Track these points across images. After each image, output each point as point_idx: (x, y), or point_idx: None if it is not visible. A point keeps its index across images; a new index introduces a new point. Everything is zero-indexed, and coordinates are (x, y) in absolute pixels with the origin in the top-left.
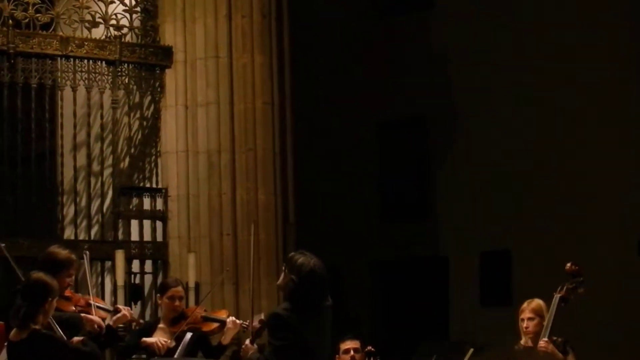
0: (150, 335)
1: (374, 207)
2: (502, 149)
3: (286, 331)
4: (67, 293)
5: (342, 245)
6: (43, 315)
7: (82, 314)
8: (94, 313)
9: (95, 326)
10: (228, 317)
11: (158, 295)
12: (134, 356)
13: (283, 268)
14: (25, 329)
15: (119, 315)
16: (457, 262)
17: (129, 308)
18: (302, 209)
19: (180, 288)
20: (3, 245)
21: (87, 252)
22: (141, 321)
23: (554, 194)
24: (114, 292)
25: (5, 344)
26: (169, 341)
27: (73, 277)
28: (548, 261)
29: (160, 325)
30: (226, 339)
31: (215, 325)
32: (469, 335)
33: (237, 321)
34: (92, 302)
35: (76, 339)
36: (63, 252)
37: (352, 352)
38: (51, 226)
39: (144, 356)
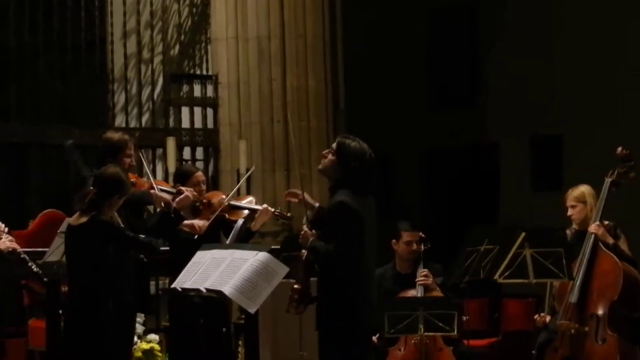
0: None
1: (423, 95)
2: (552, 35)
3: (353, 220)
4: (132, 178)
5: (392, 133)
6: (108, 208)
7: (152, 191)
8: None
9: (163, 203)
10: (255, 203)
11: (178, 184)
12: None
13: (329, 151)
14: (87, 215)
15: (181, 196)
16: (508, 148)
17: (191, 189)
18: (352, 96)
19: (201, 172)
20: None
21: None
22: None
23: (605, 79)
24: (165, 179)
25: (58, 231)
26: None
27: (133, 159)
28: (599, 146)
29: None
30: (256, 226)
31: (244, 213)
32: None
33: (270, 209)
34: (155, 185)
35: None
36: (116, 135)
37: (414, 245)
38: (102, 114)
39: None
